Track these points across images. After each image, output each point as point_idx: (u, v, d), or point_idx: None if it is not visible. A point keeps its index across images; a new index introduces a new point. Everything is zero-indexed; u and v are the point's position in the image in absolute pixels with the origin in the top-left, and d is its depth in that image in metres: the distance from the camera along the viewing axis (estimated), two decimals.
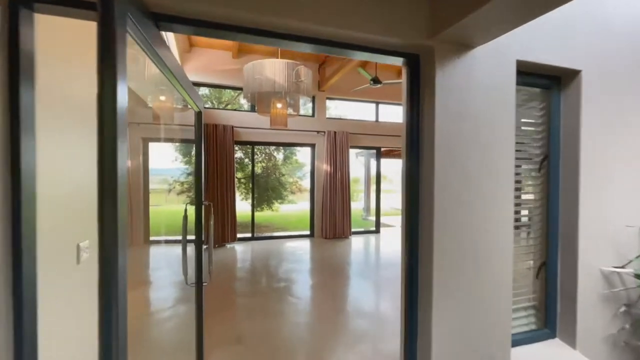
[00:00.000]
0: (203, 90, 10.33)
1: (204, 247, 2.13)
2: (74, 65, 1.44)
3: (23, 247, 0.99)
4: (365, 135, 7.60)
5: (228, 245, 6.41)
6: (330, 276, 4.56)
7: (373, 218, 11.20)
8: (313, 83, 7.11)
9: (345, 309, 3.46)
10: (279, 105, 4.06)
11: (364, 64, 6.06)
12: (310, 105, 7.46)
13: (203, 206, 2.13)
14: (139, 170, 5.99)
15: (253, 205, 7.04)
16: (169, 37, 5.06)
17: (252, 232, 6.97)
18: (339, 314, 3.34)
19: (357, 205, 16.80)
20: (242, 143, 7.03)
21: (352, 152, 7.93)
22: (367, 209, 11.89)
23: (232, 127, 6.40)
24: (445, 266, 1.54)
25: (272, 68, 3.72)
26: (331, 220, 7.12)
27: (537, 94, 1.94)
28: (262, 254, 5.79)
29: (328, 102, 7.51)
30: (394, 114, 8.17)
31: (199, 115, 1.99)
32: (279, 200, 10.81)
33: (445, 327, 1.52)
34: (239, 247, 6.32)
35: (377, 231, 7.95)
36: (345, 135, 7.22)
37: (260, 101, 4.12)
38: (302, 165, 13.55)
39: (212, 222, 2.18)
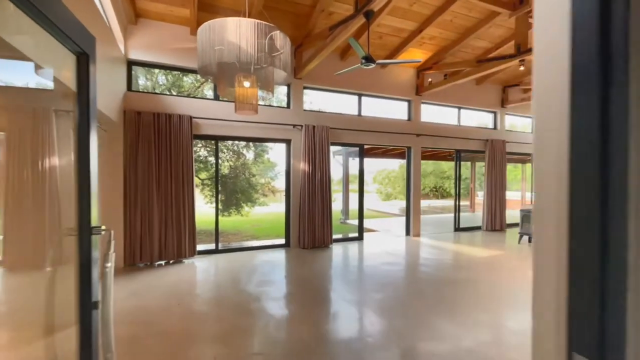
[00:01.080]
0: (161, 79, 9.03)
1: (95, 311, 1.14)
2: None
3: None
4: (347, 130, 6.76)
5: (186, 261, 5.29)
6: (314, 304, 3.63)
7: (352, 221, 10.45)
8: (288, 69, 6.19)
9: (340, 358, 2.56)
10: (246, 84, 3.08)
11: (356, 37, 5.17)
12: (281, 94, 6.49)
13: (94, 236, 1.14)
14: None
15: (217, 212, 5.94)
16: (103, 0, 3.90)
17: (216, 243, 5.88)
18: None
19: (334, 207, 16.05)
20: (204, 137, 5.91)
21: (331, 150, 7.06)
22: (345, 211, 11.10)
23: (191, 117, 5.28)
24: None
25: (236, 30, 2.73)
26: (310, 227, 6.20)
27: None
28: (226, 274, 4.74)
29: (305, 94, 6.59)
30: (378, 107, 7.41)
31: (81, 59, 1.01)
32: (249, 204, 9.70)
33: None
34: (199, 263, 5.22)
35: (360, 237, 7.14)
36: (326, 130, 6.33)
37: (220, 78, 3.11)
38: (274, 165, 12.53)
39: (112, 262, 1.18)
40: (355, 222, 7.64)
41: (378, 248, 6.35)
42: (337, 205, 12.67)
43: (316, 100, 7.73)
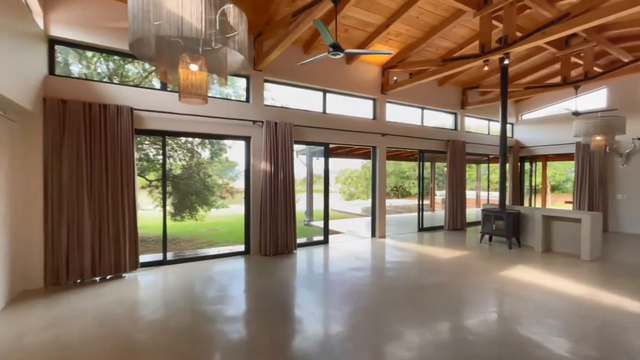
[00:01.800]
0: (101, 67, 7.96)
1: None
2: None
3: None
4: (312, 128, 6.38)
5: (127, 276, 4.55)
6: (277, 324, 3.20)
7: (316, 223, 10.11)
8: (247, 59, 5.64)
9: None
10: (193, 68, 2.56)
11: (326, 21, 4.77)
12: (241, 88, 5.94)
13: None
14: None
15: (165, 217, 5.22)
16: None
17: (164, 253, 5.17)
18: None
19: (298, 207, 15.57)
20: (149, 133, 5.18)
21: (294, 149, 6.65)
22: (309, 213, 10.73)
23: (131, 109, 4.55)
24: None
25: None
26: (272, 232, 5.72)
27: None
28: (175, 289, 4.12)
29: (267, 90, 6.09)
30: (344, 105, 7.13)
31: None
32: (205, 207, 8.90)
33: None
34: (144, 278, 4.51)
35: (325, 241, 6.80)
36: (289, 127, 5.89)
37: (160, 59, 2.55)
38: (234, 165, 11.77)
39: None
40: (320, 223, 7.29)
41: (344, 252, 6.05)
42: (300, 206, 12.28)
43: (279, 96, 7.25)
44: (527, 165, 11.02)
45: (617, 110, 7.84)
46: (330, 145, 7.47)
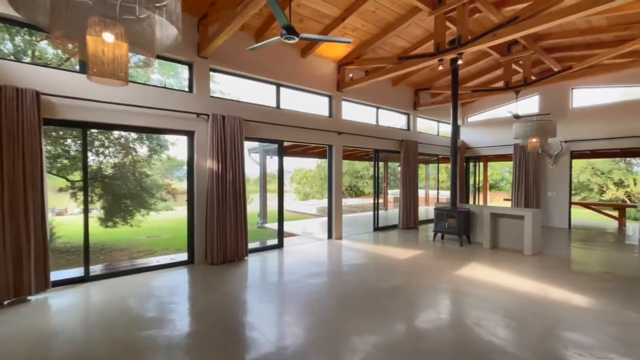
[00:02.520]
0: (6, 45, 6.64)
1: None
2: None
3: None
4: (265, 124, 5.92)
5: (34, 300, 3.69)
6: (225, 353, 2.73)
7: (270, 225, 9.61)
8: (189, 44, 4.99)
9: None
10: (107, 38, 1.99)
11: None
12: (184, 79, 5.29)
13: None
14: None
15: (87, 224, 4.38)
16: None
17: (86, 267, 4.34)
18: None
19: (251, 208, 14.80)
20: (64, 124, 4.30)
21: (245, 146, 6.14)
22: (263, 214, 10.19)
23: (37, 93, 3.69)
24: None
25: None
26: (220, 238, 5.16)
27: None
28: (97, 314, 3.41)
29: (216, 83, 5.49)
30: (299, 101, 6.77)
31: None
32: (143, 212, 7.88)
33: None
34: (56, 301, 3.69)
35: (280, 245, 6.38)
36: (239, 122, 5.36)
37: (56, 20, 1.95)
38: (181, 164, 10.75)
39: None
40: (274, 225, 6.85)
41: (300, 256, 5.70)
42: (254, 207, 11.71)
43: (229, 89, 6.61)
44: (471, 166, 11.69)
45: (549, 115, 8.57)
46: (285, 144, 7.09)
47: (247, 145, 11.21)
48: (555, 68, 7.48)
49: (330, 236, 7.26)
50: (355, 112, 7.87)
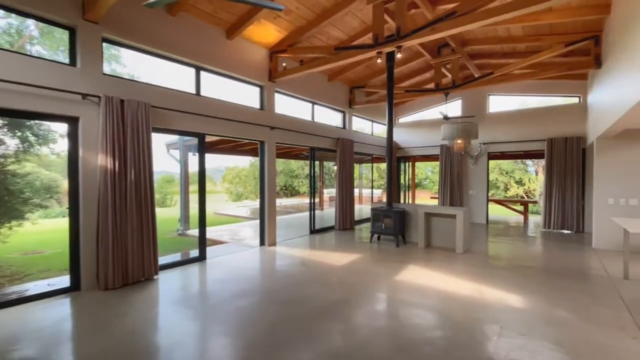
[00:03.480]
0: None
1: None
2: None
3: None
4: (181, 113, 4.93)
5: None
6: None
7: (194, 232, 8.42)
8: (69, 0, 3.70)
9: None
10: None
11: None
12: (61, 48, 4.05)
13: None
14: None
15: None
16: None
17: None
18: None
19: (172, 213, 12.99)
20: None
21: (160, 140, 5.03)
22: (185, 219, 8.91)
23: None
24: None
25: None
26: (118, 254, 4.05)
27: None
28: None
29: (122, 62, 4.32)
30: (225, 91, 5.89)
31: None
32: (13, 222, 6.00)
33: None
34: None
35: (202, 257, 5.42)
36: (144, 109, 4.30)
37: None
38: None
39: None
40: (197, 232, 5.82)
41: (227, 270, 4.87)
42: (175, 211, 10.24)
43: (139, 72, 5.31)
44: (402, 165, 12.08)
45: (474, 117, 9.17)
46: (210, 138, 6.13)
47: (165, 139, 9.77)
48: (476, 74, 7.94)
49: (262, 242, 6.53)
50: (290, 106, 7.27)
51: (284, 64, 6.45)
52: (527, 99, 13.23)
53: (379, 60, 5.18)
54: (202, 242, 5.42)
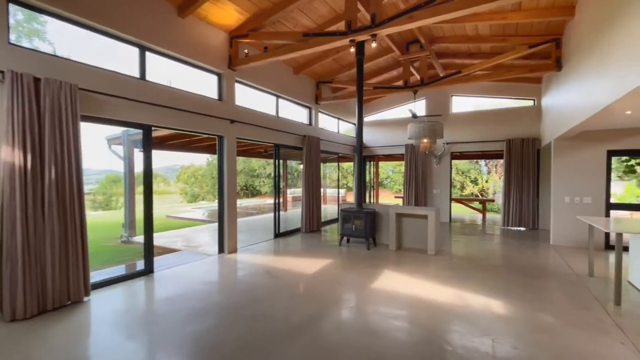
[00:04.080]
0: None
1: None
2: None
3: None
4: (120, 99, 4.11)
5: None
6: None
7: (140, 238, 7.42)
8: None
9: None
10: None
11: None
12: None
13: None
14: None
15: None
16: None
17: None
18: None
19: (112, 215, 11.56)
20: None
21: (100, 133, 4.13)
22: (130, 224, 7.83)
23: None
24: None
25: None
26: (32, 273, 3.19)
27: None
28: None
29: (36, 34, 3.43)
30: (176, 77, 5.11)
31: None
32: None
33: None
34: None
35: (149, 270, 4.61)
36: (69, 92, 3.46)
37: None
38: None
39: None
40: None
41: (179, 285, 4.15)
42: (119, 215, 9.06)
43: (72, 51, 4.31)
44: (367, 165, 11.93)
45: (440, 117, 9.22)
46: (161, 132, 5.33)
47: (106, 132, 8.56)
48: (441, 73, 7.93)
49: (222, 249, 5.84)
50: (252, 99, 6.63)
51: (245, 51, 5.82)
52: (482, 101, 13.85)
53: (352, 49, 4.79)
54: (149, 251, 4.62)
